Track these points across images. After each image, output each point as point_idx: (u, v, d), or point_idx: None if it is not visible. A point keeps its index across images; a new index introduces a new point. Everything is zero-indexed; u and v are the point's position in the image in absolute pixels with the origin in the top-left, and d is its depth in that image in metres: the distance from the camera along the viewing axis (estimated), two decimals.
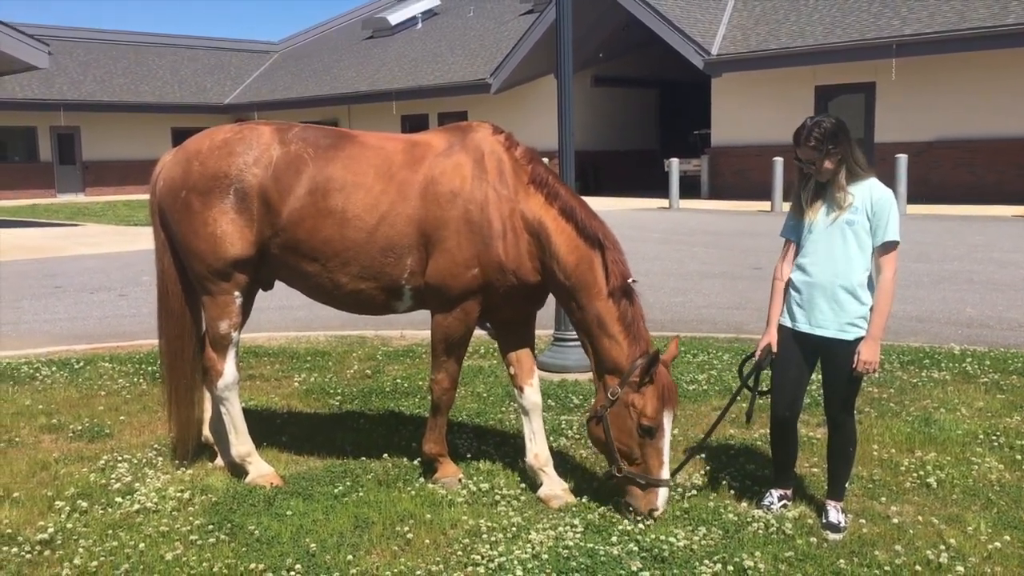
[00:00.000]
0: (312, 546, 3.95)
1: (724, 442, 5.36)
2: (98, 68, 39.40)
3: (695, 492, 4.60)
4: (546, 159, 4.73)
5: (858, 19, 23.61)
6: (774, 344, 4.29)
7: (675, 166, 23.74)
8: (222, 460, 5.02)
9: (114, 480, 4.80)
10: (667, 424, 4.26)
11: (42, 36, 24.39)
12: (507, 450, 5.22)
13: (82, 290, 12.09)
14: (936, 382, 6.65)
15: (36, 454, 5.32)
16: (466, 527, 4.17)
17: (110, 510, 4.43)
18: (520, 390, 4.74)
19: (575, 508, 4.40)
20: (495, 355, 7.59)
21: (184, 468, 4.97)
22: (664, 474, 4.24)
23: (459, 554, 3.91)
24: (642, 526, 4.14)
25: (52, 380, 7.08)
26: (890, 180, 16.77)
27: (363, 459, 5.08)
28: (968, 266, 12.45)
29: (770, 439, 4.51)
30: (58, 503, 4.47)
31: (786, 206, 4.60)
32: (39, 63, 21.49)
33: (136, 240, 17.74)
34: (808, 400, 5.67)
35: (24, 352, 8.22)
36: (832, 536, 4.09)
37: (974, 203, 20.98)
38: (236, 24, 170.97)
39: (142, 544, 3.99)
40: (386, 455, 5.10)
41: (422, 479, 4.76)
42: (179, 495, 4.57)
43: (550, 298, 4.81)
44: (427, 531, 4.14)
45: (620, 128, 32.21)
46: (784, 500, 4.42)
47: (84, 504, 4.47)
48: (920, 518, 4.26)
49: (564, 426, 5.71)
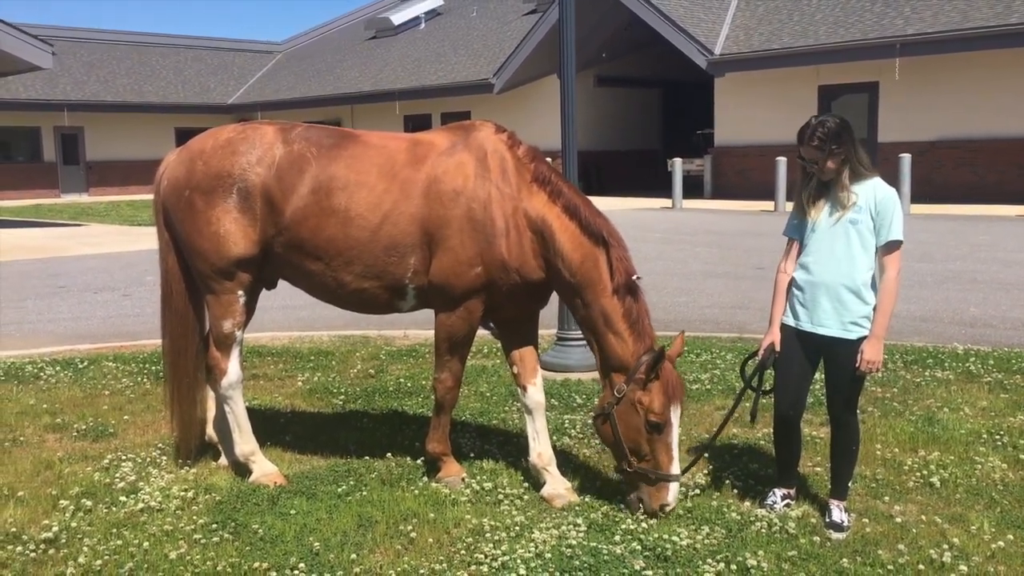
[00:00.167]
0: (316, 545, 3.96)
1: (727, 441, 5.35)
2: (102, 68, 39.44)
3: (698, 491, 4.60)
4: (549, 159, 4.73)
5: (861, 19, 23.59)
6: (777, 343, 4.29)
7: (678, 166, 23.72)
8: (226, 459, 5.03)
9: (118, 479, 4.81)
10: (675, 419, 4.26)
11: (46, 36, 24.45)
12: (510, 449, 5.23)
13: (86, 290, 12.11)
14: (939, 381, 6.64)
15: (40, 453, 5.33)
16: (469, 526, 4.17)
17: (114, 509, 4.44)
18: (523, 389, 4.74)
19: (578, 507, 4.40)
20: (498, 354, 7.60)
21: (188, 467, 4.98)
22: (675, 469, 4.24)
23: (462, 553, 3.92)
24: (645, 525, 4.14)
25: (56, 380, 7.10)
26: (893, 180, 16.73)
27: (366, 458, 5.09)
28: (972, 266, 12.43)
29: (773, 438, 4.51)
30: (62, 502, 4.48)
31: (789, 206, 4.60)
32: (43, 63, 21.54)
33: (140, 240, 17.76)
34: (811, 399, 5.67)
35: (28, 352, 8.24)
36: (835, 535, 4.09)
37: (977, 203, 20.94)
38: (239, 24, 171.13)
39: (146, 543, 4.00)
40: (389, 454, 5.11)
41: (425, 478, 4.77)
42: (183, 494, 4.58)
43: (553, 297, 4.82)
44: (430, 530, 4.15)
45: (623, 128, 32.21)
46: (787, 499, 4.41)
47: (88, 503, 4.48)
48: (923, 517, 4.25)
49: (567, 425, 5.72)
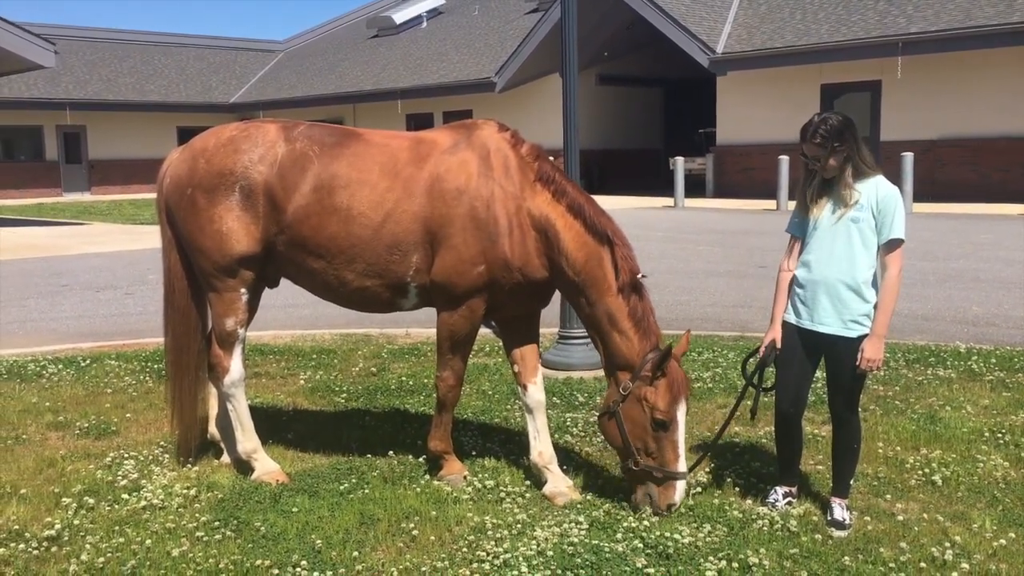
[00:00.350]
0: (318, 543, 3.97)
1: (729, 439, 5.35)
2: (104, 67, 39.47)
3: (700, 489, 4.60)
4: (551, 158, 4.73)
5: (864, 17, 23.57)
6: (778, 340, 4.29)
7: (680, 165, 23.70)
8: (228, 457, 5.04)
9: (120, 477, 4.81)
10: (680, 417, 4.25)
11: (48, 35, 24.43)
12: (512, 447, 5.23)
13: (88, 288, 12.13)
14: (942, 380, 6.64)
15: (43, 451, 5.34)
16: (471, 524, 4.18)
17: (116, 507, 4.45)
18: (524, 388, 4.74)
19: (580, 505, 4.40)
20: (500, 353, 7.60)
21: (190, 465, 4.99)
22: (681, 467, 4.24)
23: (464, 551, 3.92)
24: (647, 523, 4.14)
25: (59, 378, 7.11)
26: (896, 178, 16.66)
27: (368, 456, 5.09)
28: (974, 264, 12.42)
29: (775, 436, 4.51)
30: (65, 500, 4.49)
31: (791, 205, 4.59)
32: (45, 62, 21.56)
33: (142, 239, 17.79)
34: (813, 398, 5.68)
35: (31, 350, 8.26)
36: (837, 533, 4.09)
37: (979, 201, 20.94)
38: (241, 23, 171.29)
39: (148, 540, 4.01)
40: (391, 452, 5.12)
41: (427, 476, 4.77)
42: (185, 492, 4.59)
43: (554, 296, 4.82)
44: (432, 528, 4.15)
45: (625, 127, 32.22)
46: (789, 497, 4.41)
47: (91, 501, 4.49)
48: (925, 515, 4.25)
49: (569, 423, 5.72)
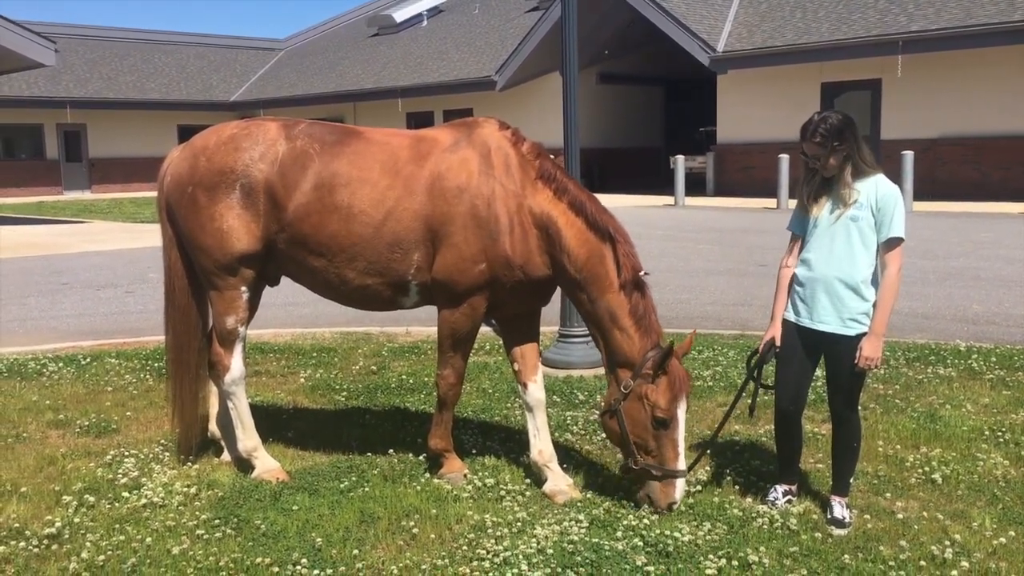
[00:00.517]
0: (318, 540, 3.97)
1: (729, 438, 5.36)
2: (104, 66, 39.46)
3: (700, 488, 4.60)
4: (552, 156, 4.74)
5: (864, 16, 23.56)
6: (778, 338, 4.29)
7: (681, 163, 23.70)
8: (228, 455, 5.05)
9: (121, 475, 4.82)
10: (681, 415, 4.25)
11: (49, 34, 24.46)
12: (512, 446, 5.23)
13: (88, 287, 12.13)
14: (942, 378, 6.64)
15: (43, 449, 5.35)
16: (471, 522, 4.18)
17: (117, 505, 4.45)
18: (524, 386, 4.75)
19: (580, 503, 4.41)
20: (500, 351, 7.60)
21: (190, 463, 4.99)
22: (680, 465, 4.24)
23: (464, 549, 3.92)
24: (647, 521, 4.15)
25: (59, 376, 7.12)
26: (896, 177, 16.65)
27: (369, 455, 5.09)
28: (974, 263, 12.42)
29: (775, 434, 4.51)
30: (65, 498, 4.49)
31: (792, 203, 4.59)
32: (46, 60, 21.58)
33: (142, 237, 17.79)
34: (813, 396, 5.68)
35: (31, 348, 8.26)
36: (837, 531, 4.09)
37: (979, 200, 20.95)
38: (241, 22, 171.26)
39: (149, 538, 4.01)
40: (392, 451, 5.12)
41: (427, 474, 4.77)
42: (185, 490, 4.59)
43: (555, 294, 4.82)
44: (432, 526, 4.16)
45: (625, 125, 32.21)
46: (789, 495, 4.42)
47: (91, 499, 4.50)
48: (925, 514, 4.26)
49: (569, 422, 5.72)
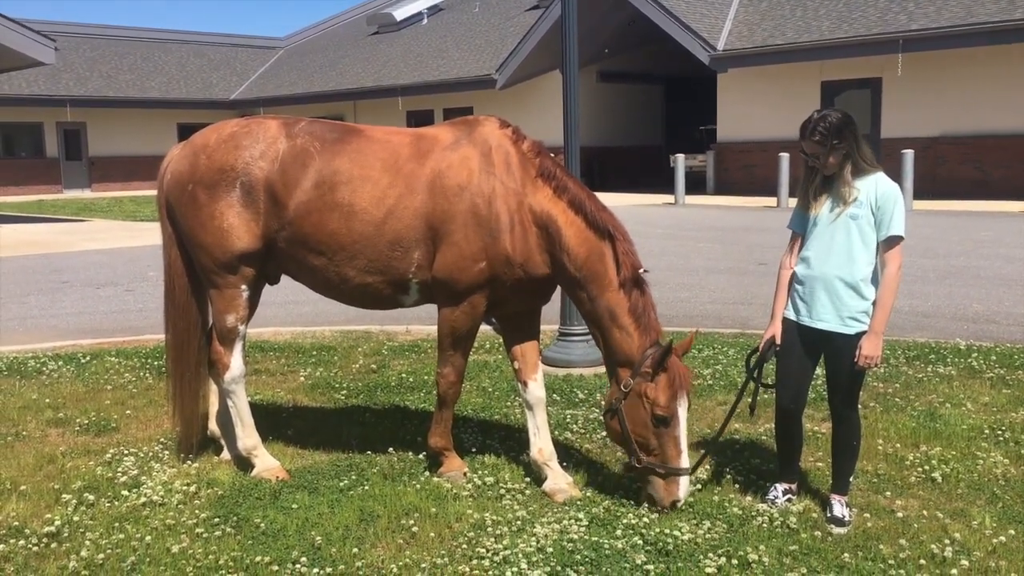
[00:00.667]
0: (318, 539, 3.97)
1: (729, 436, 5.35)
2: (104, 64, 39.46)
3: (700, 486, 4.60)
4: (552, 154, 4.73)
5: (864, 14, 23.55)
6: (778, 336, 4.29)
7: (681, 162, 23.69)
8: (228, 454, 5.04)
9: (120, 473, 4.82)
10: (682, 413, 4.24)
11: (48, 32, 24.46)
12: (512, 444, 5.23)
13: (88, 285, 12.13)
14: (942, 377, 6.64)
15: (43, 448, 5.34)
16: (471, 521, 4.18)
17: (116, 503, 4.45)
18: (524, 385, 4.74)
19: (579, 502, 4.40)
20: (500, 350, 7.60)
21: (190, 461, 4.99)
22: (683, 462, 4.22)
23: (464, 547, 3.92)
24: (647, 520, 4.15)
25: (59, 374, 7.11)
26: (896, 175, 16.68)
27: (368, 453, 5.09)
28: (974, 262, 12.42)
29: (775, 432, 4.51)
30: (65, 496, 4.49)
31: (792, 202, 4.59)
32: (45, 59, 21.58)
33: (142, 235, 17.79)
34: (813, 395, 5.67)
35: (31, 347, 8.26)
36: (836, 530, 4.09)
37: (980, 199, 20.95)
38: (241, 20, 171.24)
39: (148, 537, 4.01)
40: (391, 449, 5.12)
41: (427, 473, 4.77)
42: (185, 488, 4.59)
43: (555, 292, 4.82)
44: (432, 524, 4.16)
45: (625, 124, 32.19)
46: (788, 494, 4.41)
47: (91, 497, 4.49)
48: (925, 512, 4.26)
49: (569, 420, 5.72)
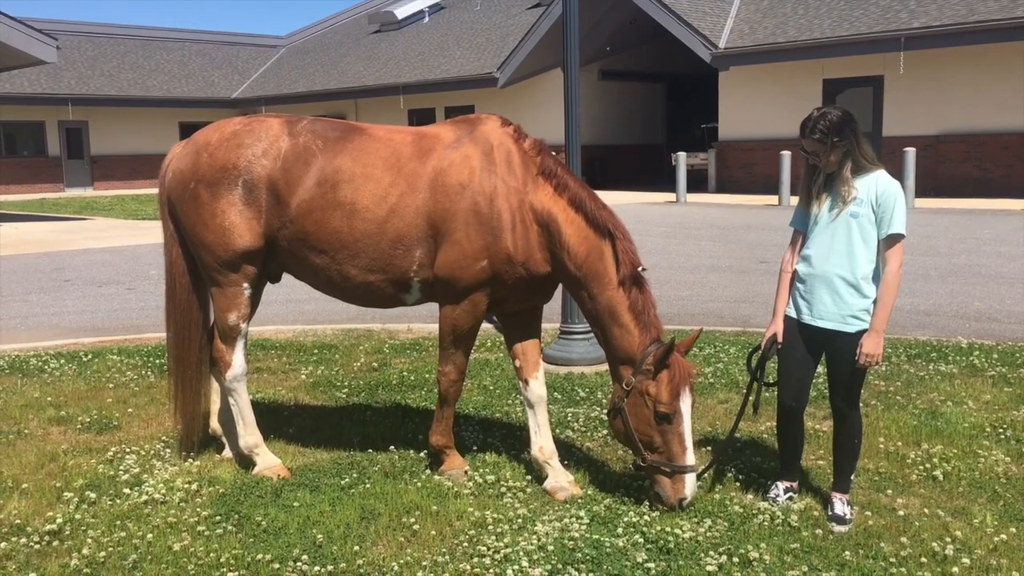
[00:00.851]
0: (319, 537, 3.98)
1: None
2: (106, 62, 39.46)
3: (700, 485, 4.60)
4: (553, 153, 4.73)
5: (866, 12, 23.52)
6: (779, 334, 4.29)
7: (682, 160, 23.66)
8: (230, 452, 5.05)
9: (122, 471, 4.83)
10: (685, 409, 4.23)
11: (50, 31, 24.48)
12: (513, 442, 5.23)
13: (90, 283, 12.14)
14: (943, 375, 6.64)
15: (45, 446, 5.35)
16: (472, 519, 4.18)
17: (118, 501, 4.46)
18: (525, 383, 4.75)
19: (580, 500, 4.41)
20: (501, 348, 7.61)
21: (192, 460, 5.00)
22: (689, 460, 4.21)
23: (465, 545, 3.93)
24: (648, 518, 4.15)
25: (60, 373, 7.12)
26: (898, 174, 16.69)
27: (370, 451, 5.10)
28: (976, 260, 12.41)
29: (776, 430, 4.51)
30: (67, 494, 4.50)
31: (794, 200, 4.59)
32: (47, 58, 21.57)
33: (144, 234, 17.80)
34: (814, 393, 5.67)
35: (33, 345, 8.27)
36: (838, 528, 4.09)
37: (981, 197, 20.93)
38: (243, 19, 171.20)
39: (150, 535, 4.02)
40: (392, 447, 5.12)
41: (428, 471, 4.78)
42: (187, 486, 4.59)
43: (556, 291, 4.82)
44: (433, 523, 4.16)
45: (627, 122, 32.20)
46: (790, 492, 4.42)
47: (92, 495, 4.50)
48: (926, 510, 4.26)
49: (570, 419, 5.72)
